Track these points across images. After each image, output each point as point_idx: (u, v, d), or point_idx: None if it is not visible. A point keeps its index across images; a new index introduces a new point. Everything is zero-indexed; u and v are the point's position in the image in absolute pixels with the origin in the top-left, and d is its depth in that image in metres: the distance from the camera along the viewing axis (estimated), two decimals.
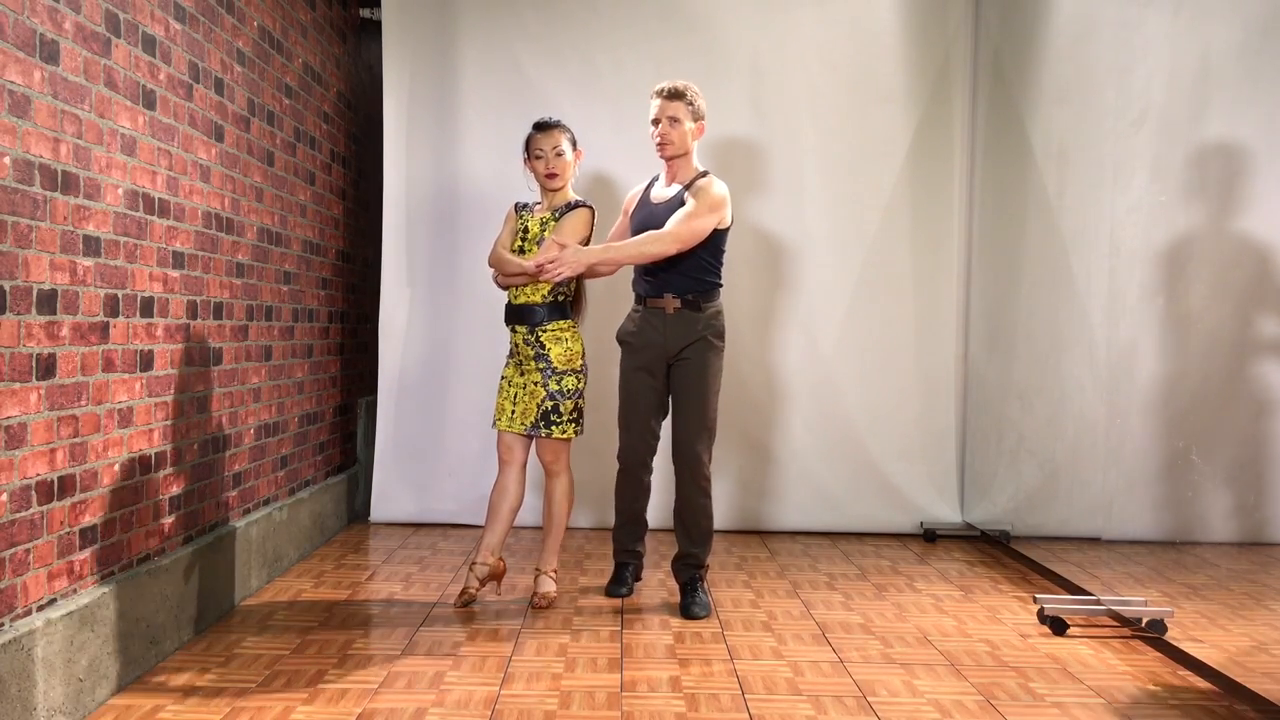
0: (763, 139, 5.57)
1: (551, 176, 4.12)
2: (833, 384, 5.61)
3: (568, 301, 4.10)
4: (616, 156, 5.44)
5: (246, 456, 4.23)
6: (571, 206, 4.11)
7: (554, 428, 4.03)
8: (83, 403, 2.97)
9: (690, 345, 4.07)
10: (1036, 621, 3.95)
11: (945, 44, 5.60)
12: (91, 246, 3.00)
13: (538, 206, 4.22)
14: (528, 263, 3.95)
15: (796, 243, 5.61)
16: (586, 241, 4.09)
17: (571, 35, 5.58)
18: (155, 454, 3.42)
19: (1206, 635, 3.74)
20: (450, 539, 5.31)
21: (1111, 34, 4.37)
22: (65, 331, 2.88)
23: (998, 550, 5.20)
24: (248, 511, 4.26)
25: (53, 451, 2.83)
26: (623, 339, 4.22)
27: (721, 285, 4.17)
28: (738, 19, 5.58)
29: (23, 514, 2.69)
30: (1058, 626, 3.85)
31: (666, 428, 4.20)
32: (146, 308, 3.34)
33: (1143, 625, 3.72)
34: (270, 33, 4.44)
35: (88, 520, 3.01)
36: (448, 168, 5.63)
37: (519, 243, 4.12)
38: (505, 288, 4.12)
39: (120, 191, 3.16)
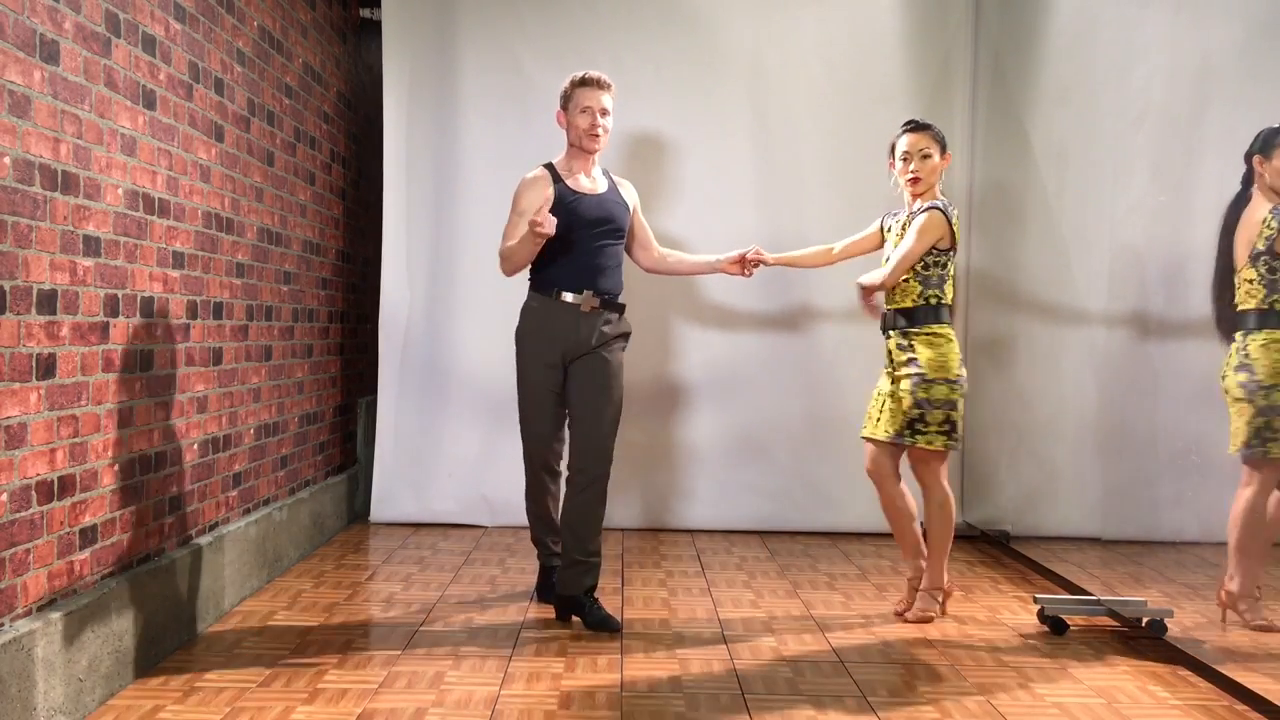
0: (763, 140, 5.56)
1: (914, 181, 4.09)
2: (833, 384, 5.60)
3: (936, 304, 3.96)
4: (616, 156, 5.44)
5: (246, 456, 4.23)
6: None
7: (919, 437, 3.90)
8: (83, 403, 2.97)
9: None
10: (1036, 621, 3.95)
11: (945, 44, 5.59)
12: (91, 246, 3.00)
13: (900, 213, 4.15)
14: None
15: (796, 243, 5.58)
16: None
17: (571, 35, 5.58)
18: (155, 454, 3.42)
19: (1206, 635, 3.73)
20: (450, 539, 5.31)
21: (1111, 34, 4.37)
22: (65, 331, 2.88)
23: (998, 550, 5.20)
24: (248, 511, 4.26)
25: (53, 451, 2.83)
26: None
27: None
28: (738, 19, 5.58)
29: (23, 514, 2.69)
30: (1058, 626, 3.85)
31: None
32: (146, 308, 3.34)
33: (1143, 625, 3.72)
34: (270, 33, 4.44)
35: (88, 520, 3.01)
36: (448, 168, 5.62)
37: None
38: None
39: (120, 191, 3.16)
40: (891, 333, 3.99)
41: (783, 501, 5.61)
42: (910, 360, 3.90)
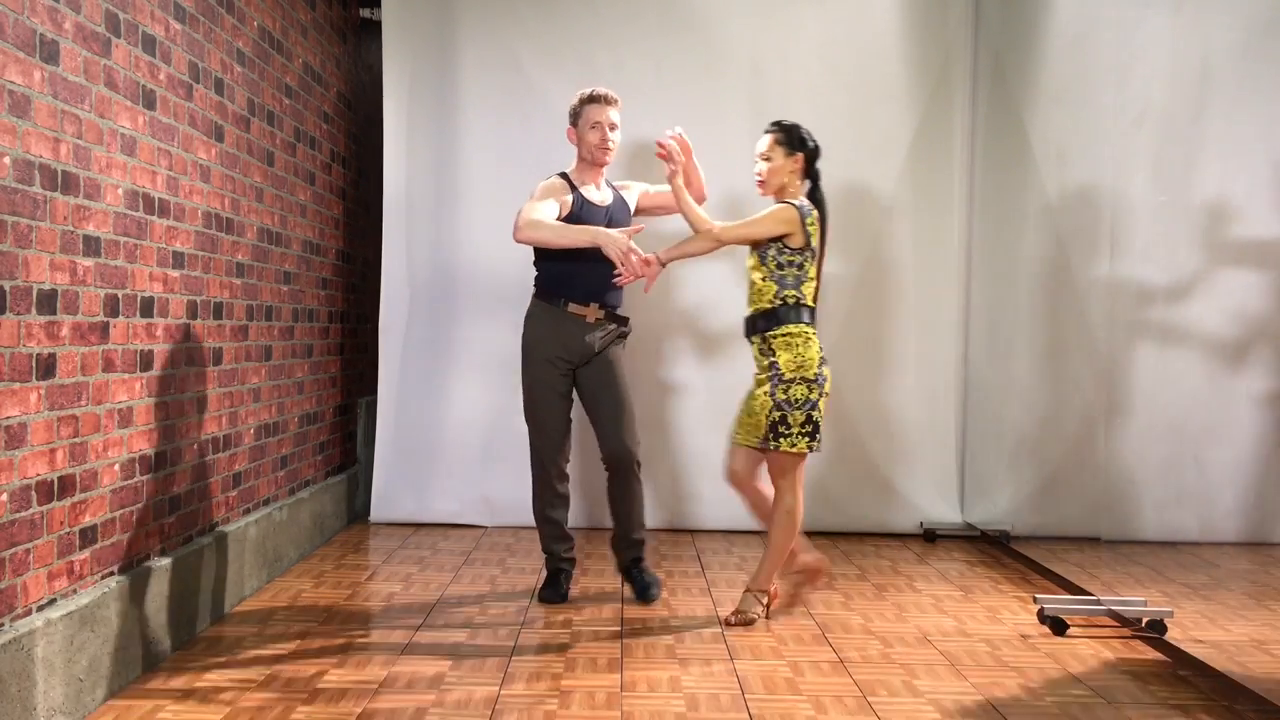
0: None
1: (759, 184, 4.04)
2: (832, 384, 5.59)
3: (795, 303, 3.89)
4: (616, 156, 5.43)
5: (246, 456, 4.23)
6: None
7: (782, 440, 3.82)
8: (83, 403, 2.97)
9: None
10: (1036, 621, 3.95)
11: (945, 44, 5.59)
12: (91, 246, 3.00)
13: None
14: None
15: None
16: None
17: (571, 35, 5.58)
18: (155, 454, 3.42)
19: (1206, 635, 3.74)
20: (450, 539, 5.31)
21: (1111, 34, 4.37)
22: (65, 331, 2.87)
23: (998, 550, 5.20)
24: (248, 511, 4.26)
25: (53, 451, 2.83)
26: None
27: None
28: (738, 19, 5.58)
29: (23, 514, 2.69)
30: (1058, 626, 3.85)
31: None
32: (146, 308, 3.34)
33: (1143, 625, 3.72)
34: (270, 33, 4.44)
35: (88, 520, 3.01)
36: (448, 168, 5.63)
37: None
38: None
39: (120, 191, 3.16)
40: (754, 337, 3.90)
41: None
42: (771, 364, 3.84)
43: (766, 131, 4.00)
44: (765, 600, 3.94)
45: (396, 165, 5.62)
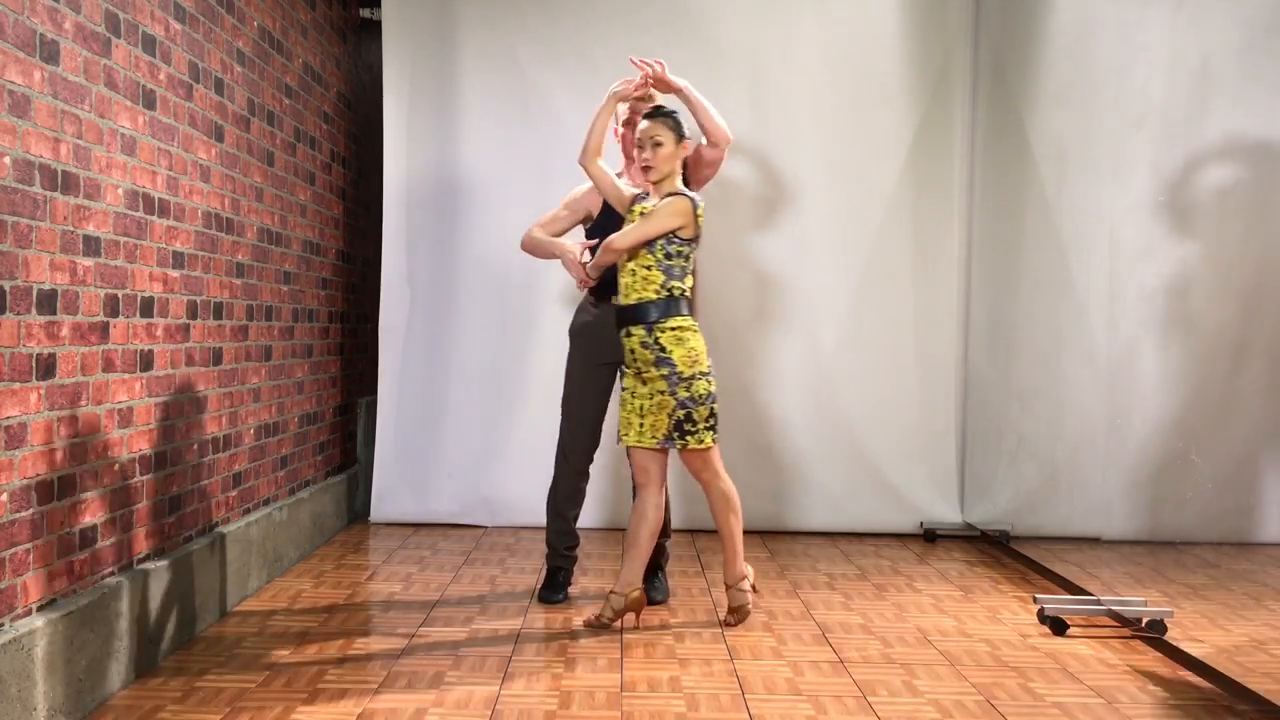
0: (763, 139, 5.56)
1: (646, 169, 3.79)
2: (833, 384, 5.61)
3: (679, 295, 3.76)
4: (616, 155, 5.43)
5: (246, 456, 4.23)
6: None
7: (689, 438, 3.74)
8: (83, 403, 2.97)
9: None
10: (1036, 621, 3.95)
11: (945, 44, 5.59)
12: (91, 246, 3.00)
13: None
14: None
15: (796, 243, 5.61)
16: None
17: (571, 34, 5.58)
18: (155, 454, 3.42)
19: (1206, 635, 3.74)
20: (450, 539, 5.31)
21: (1111, 34, 4.37)
22: (65, 331, 2.88)
23: (998, 550, 5.20)
24: (248, 511, 4.26)
25: (53, 451, 2.83)
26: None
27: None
28: (738, 19, 5.58)
29: (23, 514, 2.69)
30: (1058, 626, 3.85)
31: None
32: (146, 308, 3.34)
33: (1143, 625, 3.72)
34: (270, 33, 4.44)
35: (88, 520, 3.01)
36: (448, 167, 5.63)
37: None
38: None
39: (120, 191, 3.16)
40: (632, 329, 3.72)
41: (783, 501, 5.60)
42: (661, 360, 3.68)
43: (652, 116, 3.78)
44: (748, 586, 3.88)
45: (396, 165, 5.62)
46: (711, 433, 3.76)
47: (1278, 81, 4.04)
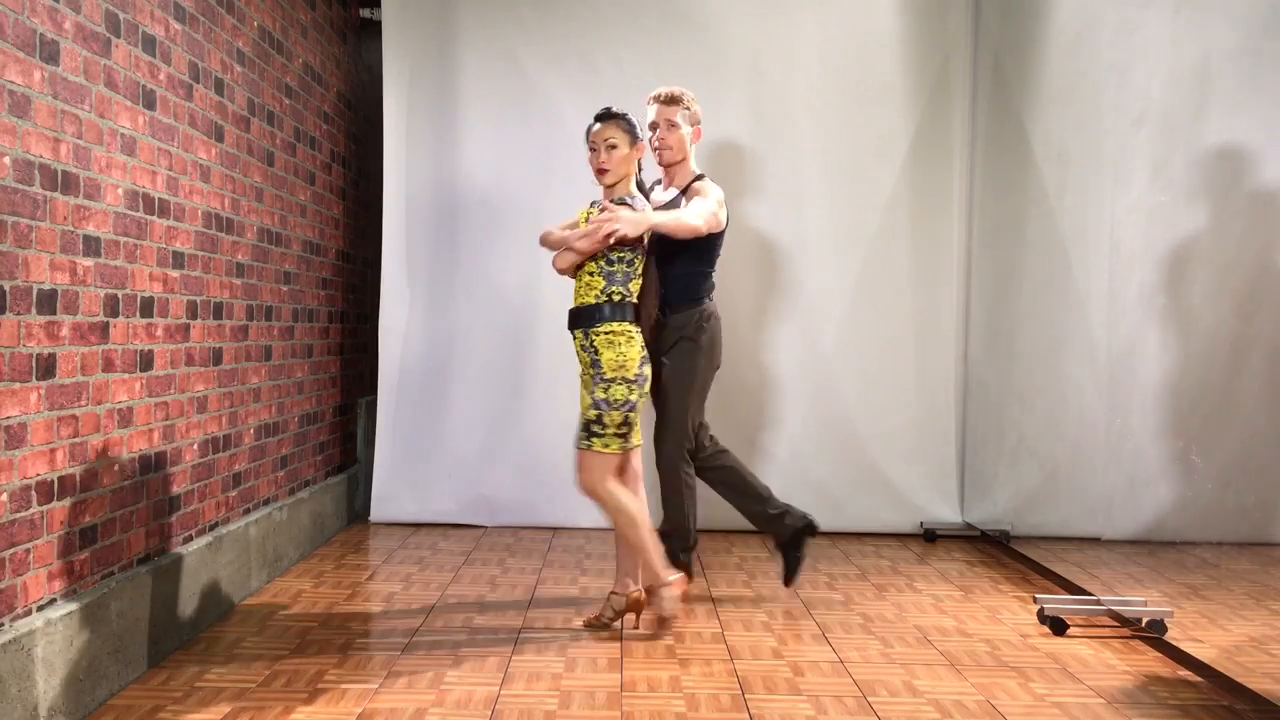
0: (763, 139, 5.57)
1: (601, 172, 3.75)
2: (833, 384, 5.61)
3: (619, 301, 3.70)
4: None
5: (246, 456, 4.23)
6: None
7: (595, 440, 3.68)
8: (83, 403, 2.97)
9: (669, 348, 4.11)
10: (1036, 621, 3.95)
11: (945, 45, 5.60)
12: (91, 246, 3.00)
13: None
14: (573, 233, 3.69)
15: (796, 243, 5.61)
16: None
17: (571, 35, 5.58)
18: (155, 454, 3.42)
19: (1206, 635, 3.74)
20: (450, 539, 5.31)
21: (1111, 34, 4.38)
22: (65, 331, 2.88)
23: (998, 550, 5.20)
24: (248, 511, 4.26)
25: (53, 451, 2.83)
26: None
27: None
28: (738, 19, 5.58)
29: (23, 514, 2.69)
30: (1058, 626, 3.85)
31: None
32: (146, 308, 3.34)
33: (1143, 625, 3.72)
34: (270, 33, 4.44)
35: (88, 520, 3.01)
36: (448, 168, 5.63)
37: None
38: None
39: (120, 191, 3.16)
40: (574, 332, 3.72)
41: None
42: (594, 361, 3.66)
43: (604, 119, 3.75)
44: (673, 594, 3.73)
45: (396, 165, 5.62)
46: (620, 440, 3.66)
47: (1277, 82, 4.04)
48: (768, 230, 5.59)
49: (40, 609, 2.78)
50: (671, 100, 4.14)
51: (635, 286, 3.72)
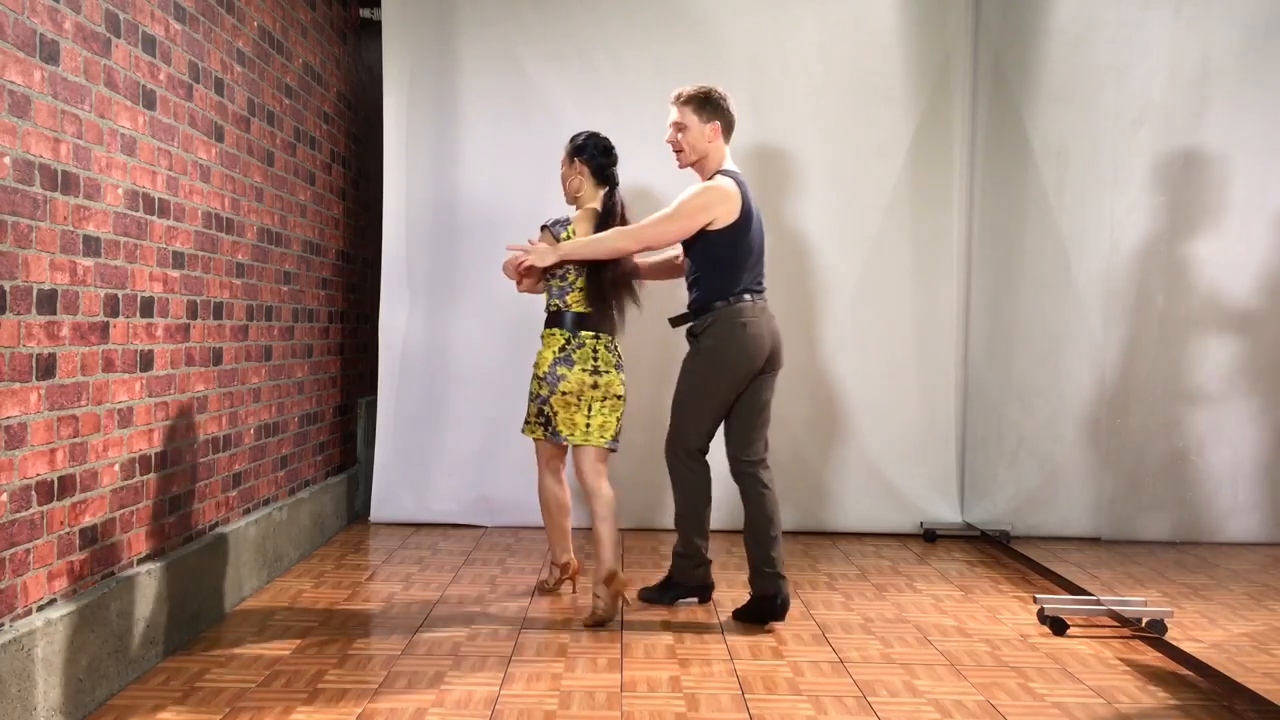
0: (763, 139, 5.57)
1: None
2: (833, 383, 5.61)
3: (554, 310, 3.99)
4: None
5: (246, 456, 4.23)
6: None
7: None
8: (83, 403, 2.97)
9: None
10: (1036, 621, 3.95)
11: (945, 44, 5.60)
12: (91, 246, 3.00)
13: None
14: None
15: (797, 243, 5.61)
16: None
17: (571, 35, 5.58)
18: (155, 454, 3.42)
19: (1206, 635, 3.74)
20: (450, 539, 5.31)
21: (1111, 34, 4.38)
22: (65, 331, 2.88)
23: (998, 550, 5.20)
24: (248, 511, 4.26)
25: (53, 451, 2.83)
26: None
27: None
28: (738, 19, 5.58)
29: (23, 514, 2.69)
30: (1058, 626, 3.85)
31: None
32: (146, 308, 3.34)
33: (1143, 625, 3.72)
34: (270, 33, 4.44)
35: (88, 520, 3.01)
36: (448, 168, 5.63)
37: None
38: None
39: (120, 191, 3.16)
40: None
41: (783, 501, 5.58)
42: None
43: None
44: (560, 574, 4.26)
45: (396, 165, 5.63)
46: (542, 429, 4.02)
47: (1277, 82, 4.04)
48: (767, 230, 5.57)
49: (40, 609, 2.78)
50: (680, 100, 4.09)
51: (574, 299, 3.97)
